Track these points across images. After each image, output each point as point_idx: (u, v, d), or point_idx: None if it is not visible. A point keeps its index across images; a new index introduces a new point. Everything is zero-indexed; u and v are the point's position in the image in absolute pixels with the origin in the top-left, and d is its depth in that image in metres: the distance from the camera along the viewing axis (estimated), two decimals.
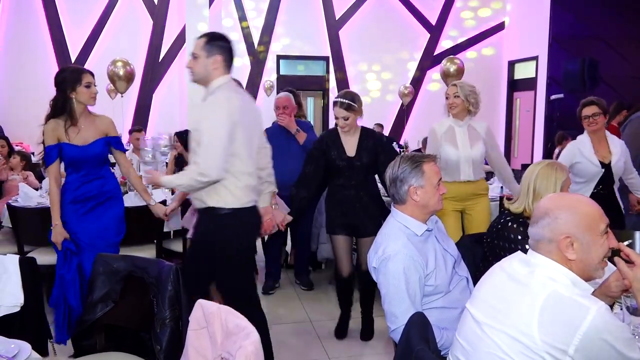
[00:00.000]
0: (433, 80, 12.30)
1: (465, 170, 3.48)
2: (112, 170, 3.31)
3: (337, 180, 3.37)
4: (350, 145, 3.33)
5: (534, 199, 2.34)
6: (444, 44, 12.39)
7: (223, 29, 11.62)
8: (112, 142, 3.15)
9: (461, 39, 12.38)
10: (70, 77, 3.01)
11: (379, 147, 3.34)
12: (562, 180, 2.34)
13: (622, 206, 3.74)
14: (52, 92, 3.14)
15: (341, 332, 3.57)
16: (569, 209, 1.50)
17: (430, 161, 2.11)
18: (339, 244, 3.39)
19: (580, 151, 3.66)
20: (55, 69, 10.94)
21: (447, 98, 3.53)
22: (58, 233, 3.01)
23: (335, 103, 3.31)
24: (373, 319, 3.56)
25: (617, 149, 3.64)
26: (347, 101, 3.25)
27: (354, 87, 12.22)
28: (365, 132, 3.39)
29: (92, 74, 3.11)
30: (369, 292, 3.46)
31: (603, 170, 3.61)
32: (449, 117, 3.55)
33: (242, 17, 11.78)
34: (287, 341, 3.50)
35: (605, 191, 3.65)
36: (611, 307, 1.75)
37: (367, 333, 3.54)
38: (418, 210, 2.08)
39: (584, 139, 3.69)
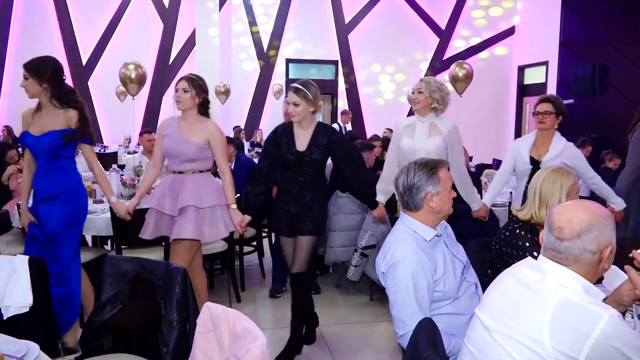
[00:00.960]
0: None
1: None
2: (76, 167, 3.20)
3: (285, 174, 3.23)
4: (302, 139, 3.16)
5: (540, 205, 2.31)
6: (453, 49, 12.38)
7: (233, 33, 11.69)
8: (69, 134, 3.01)
9: (471, 43, 12.36)
10: (55, 67, 3.07)
11: (334, 144, 3.16)
12: (568, 186, 2.31)
13: None
14: None
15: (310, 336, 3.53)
16: (605, 218, 1.49)
17: (444, 167, 2.11)
18: (285, 245, 3.28)
19: (519, 147, 3.60)
20: (66, 71, 11.04)
21: (411, 92, 3.51)
22: (23, 215, 3.09)
23: (289, 88, 3.19)
24: (303, 327, 3.40)
25: (557, 149, 3.45)
26: (299, 86, 3.11)
27: (363, 91, 12.23)
28: (320, 127, 3.21)
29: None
30: (302, 301, 3.29)
31: (531, 167, 3.45)
32: (416, 114, 3.51)
33: (252, 22, 11.84)
34: None
35: None
36: (623, 314, 1.73)
37: (293, 349, 3.29)
38: (432, 216, 2.07)
39: (529, 136, 3.62)
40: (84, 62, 11.48)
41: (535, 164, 3.44)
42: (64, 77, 3.10)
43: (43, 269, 2.35)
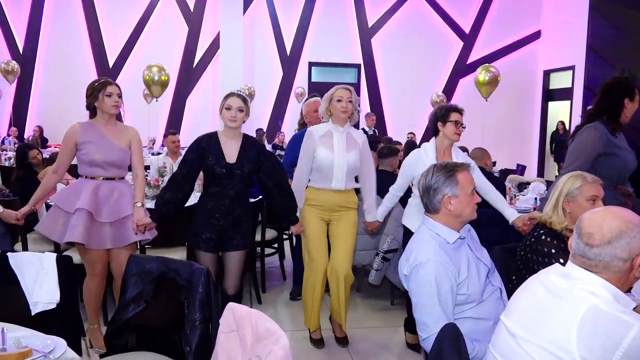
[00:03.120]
0: (466, 88, 12.18)
1: (338, 176, 3.31)
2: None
3: (213, 188, 3.07)
4: (231, 151, 3.07)
5: (558, 209, 2.32)
6: (477, 53, 12.27)
7: (256, 36, 11.77)
8: None
9: (495, 47, 12.24)
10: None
11: (262, 156, 3.12)
12: (569, 189, 2.32)
13: None
14: None
15: None
16: (637, 225, 1.45)
17: (464, 170, 2.08)
18: (204, 260, 3.07)
19: (422, 161, 3.26)
20: (93, 73, 11.26)
21: (339, 101, 3.29)
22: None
23: (230, 94, 3.12)
24: None
25: (459, 160, 3.22)
26: (242, 93, 3.13)
27: (385, 95, 12.19)
28: (247, 139, 3.16)
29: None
30: None
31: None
32: (328, 122, 3.38)
33: (276, 25, 11.91)
34: (313, 348, 3.49)
35: None
36: None
37: None
38: (452, 219, 2.05)
39: (428, 147, 3.30)
40: (110, 65, 11.69)
41: None
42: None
43: (70, 267, 2.39)
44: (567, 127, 10.93)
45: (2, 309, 2.28)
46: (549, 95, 11.86)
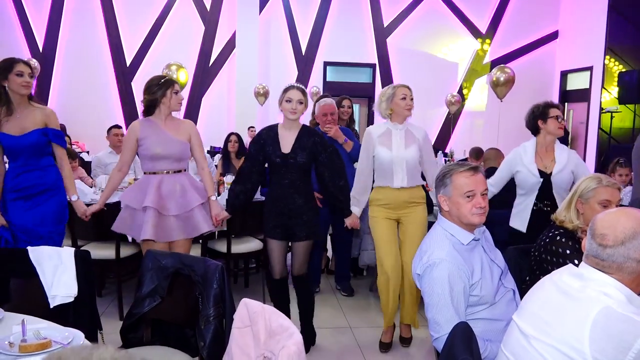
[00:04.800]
0: (481, 89, 12.10)
1: (399, 173, 3.32)
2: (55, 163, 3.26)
3: (274, 177, 3.27)
4: (286, 141, 3.21)
5: (573, 211, 2.31)
6: (494, 53, 12.17)
7: (272, 35, 11.82)
8: (50, 134, 3.14)
9: (512, 47, 12.13)
10: (2, 66, 3.05)
11: (319, 146, 3.20)
12: (583, 191, 2.29)
13: None
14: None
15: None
16: None
17: (464, 171, 2.01)
18: (273, 247, 3.29)
19: (521, 159, 3.30)
20: (111, 72, 11.40)
21: (403, 99, 3.36)
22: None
23: (290, 87, 3.23)
24: (314, 327, 3.47)
25: (563, 158, 3.25)
26: (301, 85, 3.26)
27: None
28: (305, 130, 3.26)
29: (26, 63, 3.11)
30: (306, 299, 3.38)
31: (541, 180, 3.22)
32: (387, 121, 3.43)
33: (291, 24, 11.94)
34: (326, 346, 3.50)
35: (549, 208, 3.17)
36: None
37: (307, 341, 3.37)
38: (456, 219, 2.03)
39: (527, 146, 3.34)
40: (127, 63, 11.81)
41: (546, 176, 3.23)
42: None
43: (88, 262, 2.44)
44: (585, 128, 10.79)
45: (22, 301, 2.34)
46: (566, 96, 11.73)
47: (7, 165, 3.22)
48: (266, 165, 3.32)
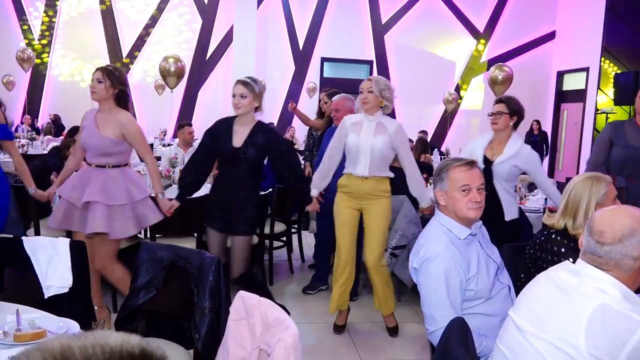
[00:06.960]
0: (478, 87, 12.13)
1: (362, 161, 3.34)
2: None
3: (223, 168, 3.29)
4: (239, 135, 3.20)
5: (567, 214, 2.24)
6: (491, 52, 12.19)
7: (270, 30, 11.79)
8: None
9: (509, 47, 12.15)
10: None
11: (272, 142, 3.21)
12: (598, 196, 2.20)
13: (504, 210, 3.30)
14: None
15: None
16: None
17: (460, 166, 2.02)
18: (211, 236, 3.28)
19: (475, 145, 3.47)
20: (106, 63, 11.37)
21: (360, 92, 3.39)
22: None
23: (236, 82, 3.22)
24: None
25: (511, 151, 3.29)
26: (247, 79, 3.21)
27: (396, 92, 12.15)
28: (260, 126, 3.24)
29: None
30: (254, 291, 3.36)
31: (483, 166, 3.25)
32: (361, 112, 3.46)
33: (289, 19, 11.91)
34: (320, 342, 3.51)
35: (487, 192, 3.30)
36: None
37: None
38: (453, 214, 2.04)
39: (486, 135, 3.48)
40: (124, 56, 11.76)
41: (488, 164, 3.32)
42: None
43: (83, 252, 2.43)
44: (580, 128, 10.84)
45: (16, 291, 2.33)
46: (562, 96, 11.78)
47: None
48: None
